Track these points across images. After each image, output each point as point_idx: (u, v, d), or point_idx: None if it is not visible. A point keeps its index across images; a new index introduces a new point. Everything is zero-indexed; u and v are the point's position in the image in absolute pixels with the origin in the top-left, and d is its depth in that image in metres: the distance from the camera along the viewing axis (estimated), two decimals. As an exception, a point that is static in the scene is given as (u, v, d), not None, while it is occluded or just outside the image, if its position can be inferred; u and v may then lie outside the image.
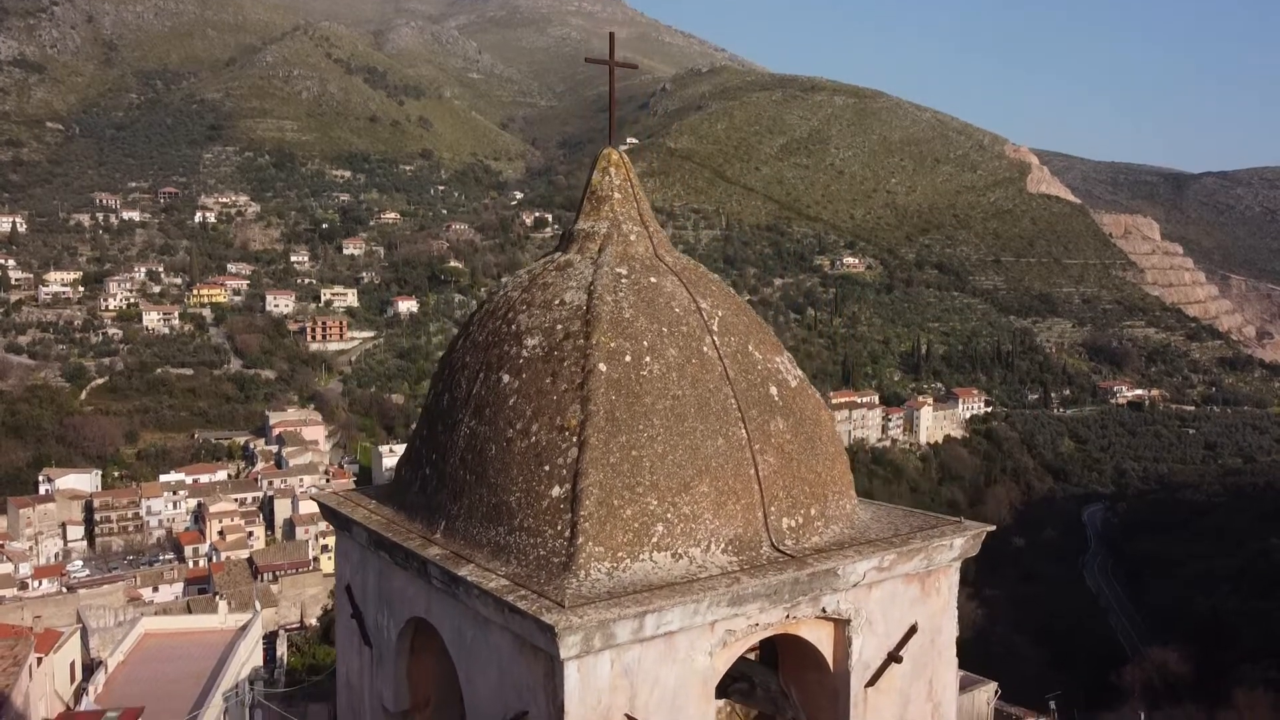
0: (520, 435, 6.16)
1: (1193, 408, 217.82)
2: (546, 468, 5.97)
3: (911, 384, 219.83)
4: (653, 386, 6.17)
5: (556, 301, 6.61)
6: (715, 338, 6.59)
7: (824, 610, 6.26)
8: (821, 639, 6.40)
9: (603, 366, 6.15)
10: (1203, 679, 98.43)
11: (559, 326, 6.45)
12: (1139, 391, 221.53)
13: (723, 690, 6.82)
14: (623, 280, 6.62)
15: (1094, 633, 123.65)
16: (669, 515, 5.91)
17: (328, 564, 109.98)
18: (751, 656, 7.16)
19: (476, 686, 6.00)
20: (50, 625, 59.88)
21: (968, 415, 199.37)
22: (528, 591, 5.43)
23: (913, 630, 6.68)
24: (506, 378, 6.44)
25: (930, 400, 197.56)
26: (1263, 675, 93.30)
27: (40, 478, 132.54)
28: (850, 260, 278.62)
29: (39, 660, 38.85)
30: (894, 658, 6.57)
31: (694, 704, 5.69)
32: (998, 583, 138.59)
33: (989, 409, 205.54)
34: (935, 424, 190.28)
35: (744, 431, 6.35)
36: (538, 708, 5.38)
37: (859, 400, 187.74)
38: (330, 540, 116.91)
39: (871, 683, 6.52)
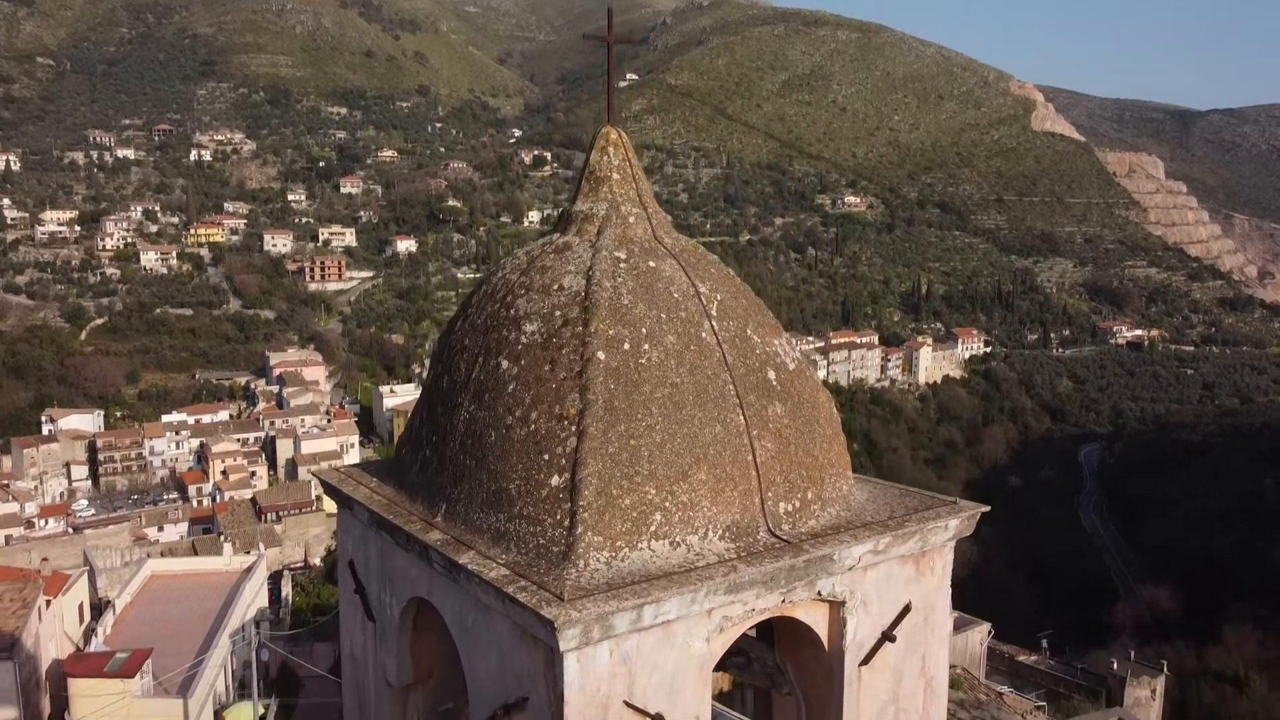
0: (519, 423, 6.18)
1: (1192, 348, 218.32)
2: (546, 456, 6.00)
3: (911, 324, 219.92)
4: (651, 374, 6.18)
5: (555, 286, 6.58)
6: (714, 323, 6.58)
7: (819, 593, 6.35)
8: (817, 620, 6.50)
9: (601, 355, 6.15)
10: (1193, 617, 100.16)
11: (557, 313, 6.43)
12: (1138, 332, 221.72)
13: (720, 664, 6.96)
14: (621, 265, 6.59)
15: (1087, 571, 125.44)
16: (667, 504, 5.96)
17: (330, 504, 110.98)
18: (750, 633, 7.28)
19: (478, 669, 6.11)
20: (57, 566, 60.76)
21: (967, 355, 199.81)
22: (528, 582, 5.50)
23: (907, 609, 6.78)
24: (505, 363, 6.44)
25: (930, 340, 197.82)
26: (1252, 613, 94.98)
27: (43, 418, 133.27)
28: (851, 199, 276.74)
29: (47, 603, 39.49)
30: (888, 637, 6.68)
31: (692, 688, 5.81)
32: (993, 522, 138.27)
33: (988, 349, 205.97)
34: (934, 364, 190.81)
35: (742, 418, 6.37)
36: (538, 695, 5.49)
37: (858, 340, 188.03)
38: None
39: (865, 661, 6.64)
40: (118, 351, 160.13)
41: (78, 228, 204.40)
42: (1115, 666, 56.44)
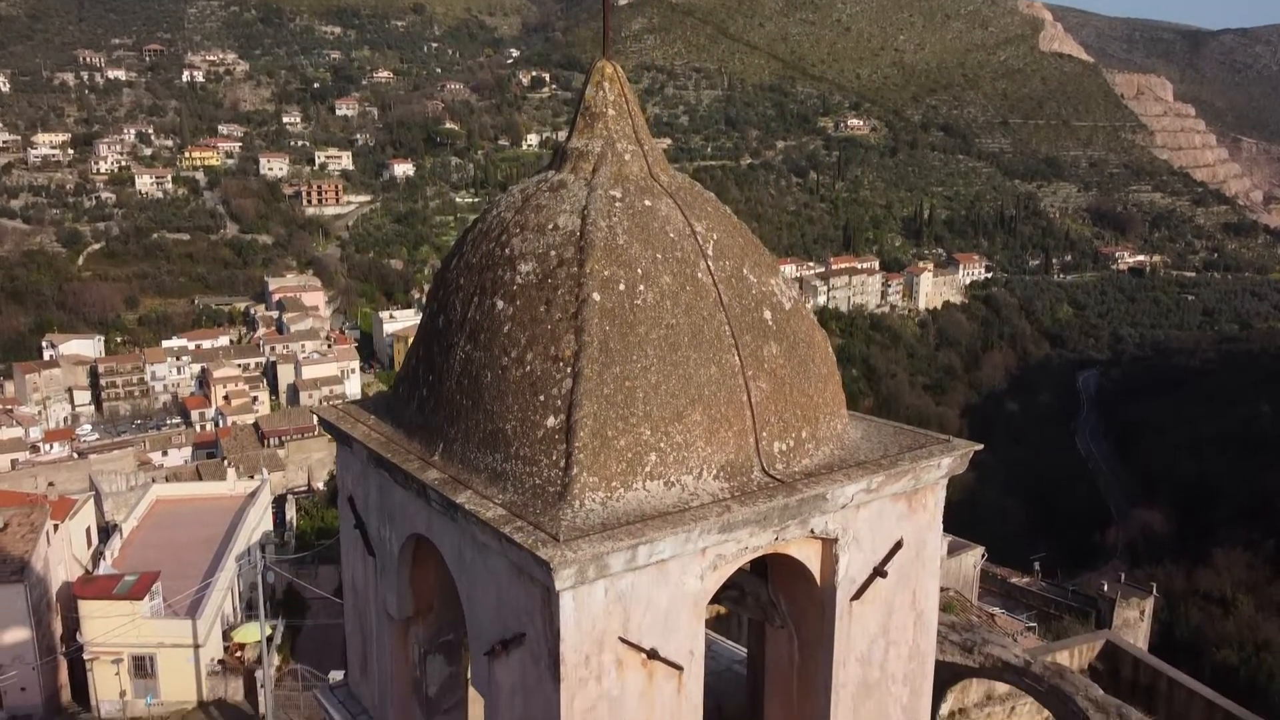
0: (515, 363, 6.19)
1: (1193, 274, 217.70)
2: (541, 398, 6.02)
3: (912, 249, 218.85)
4: (646, 315, 6.17)
5: (550, 226, 6.53)
6: (710, 263, 6.55)
7: (812, 531, 6.43)
8: (809, 556, 6.60)
9: (596, 296, 6.12)
10: (1184, 539, 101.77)
11: (552, 253, 6.39)
12: (1140, 258, 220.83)
13: (715, 597, 7.08)
14: (617, 204, 6.52)
15: (1081, 494, 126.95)
16: (662, 444, 6.00)
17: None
18: (745, 567, 7.40)
19: (476, 605, 6.23)
20: (63, 490, 61.53)
21: (968, 281, 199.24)
22: (524, 523, 5.56)
23: (898, 545, 6.88)
24: (501, 304, 6.43)
25: (930, 266, 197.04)
26: (1243, 537, 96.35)
27: (43, 343, 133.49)
28: (854, 122, 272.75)
29: (55, 527, 40.09)
30: (879, 572, 6.79)
31: (685, 623, 5.93)
32: (990, 446, 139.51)
33: (989, 275, 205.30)
34: (935, 290, 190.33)
35: (737, 358, 6.38)
36: (535, 630, 5.61)
37: (859, 266, 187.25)
38: (335, 403, 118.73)
39: (857, 596, 6.76)
40: (116, 277, 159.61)
41: (70, 151, 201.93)
42: (1105, 588, 57.53)
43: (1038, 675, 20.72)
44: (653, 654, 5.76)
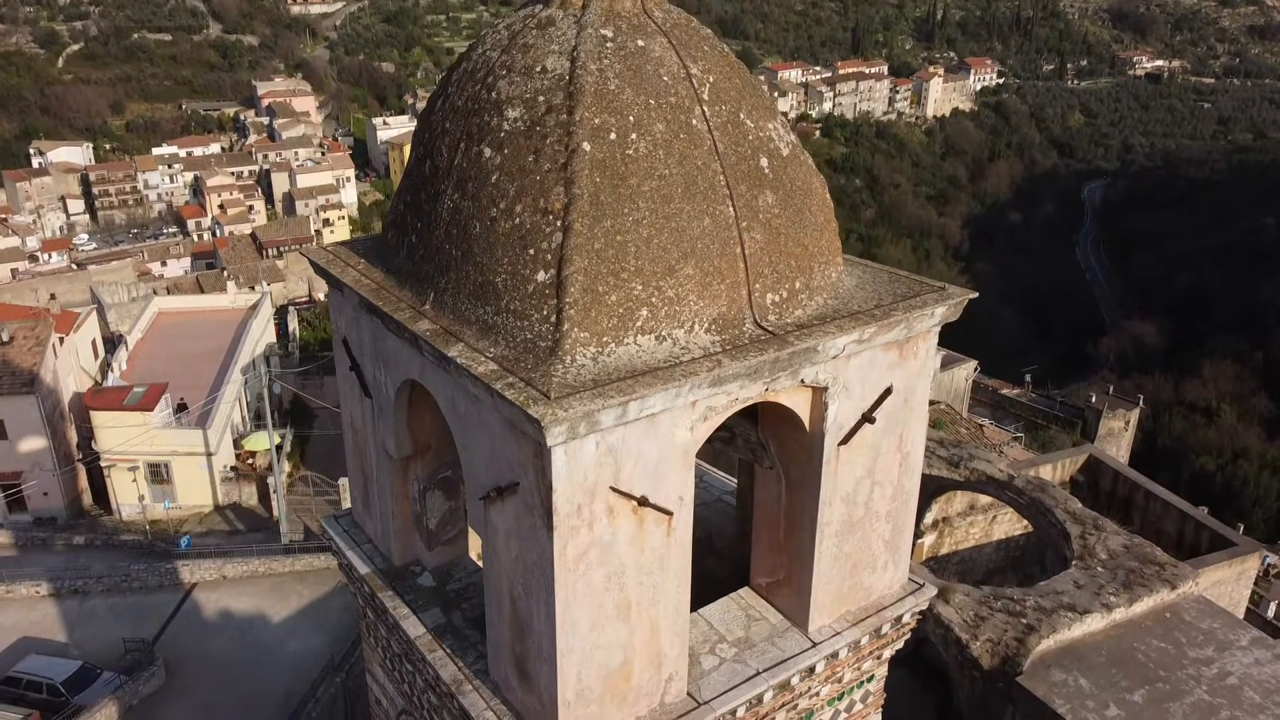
0: (504, 215, 6.06)
1: (1212, 80, 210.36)
2: (531, 251, 5.93)
3: (923, 53, 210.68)
4: (638, 167, 5.98)
5: (538, 68, 6.22)
6: (705, 108, 6.29)
7: (803, 381, 6.49)
8: (799, 404, 6.68)
9: (586, 145, 5.91)
10: (1174, 350, 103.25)
11: (540, 98, 6.12)
12: (1159, 63, 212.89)
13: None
14: (608, 44, 6.19)
15: (1077, 305, 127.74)
16: (653, 299, 5.95)
17: (330, 237, 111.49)
18: (733, 410, 7.50)
19: (471, 452, 6.37)
20: (65, 302, 61.90)
21: (978, 87, 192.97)
22: (515, 379, 5.59)
23: (888, 392, 6.97)
24: (488, 151, 6.22)
25: (940, 71, 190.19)
26: (1232, 348, 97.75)
27: (31, 150, 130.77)
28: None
29: (60, 340, 40.57)
30: (867, 418, 6.90)
31: (675, 472, 6.08)
32: (991, 256, 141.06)
33: (1000, 80, 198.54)
34: (944, 96, 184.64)
35: (731, 209, 6.24)
36: (528, 481, 5.75)
37: (867, 71, 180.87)
38: (331, 214, 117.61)
39: (845, 441, 6.90)
40: (98, 80, 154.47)
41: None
42: (1093, 400, 58.91)
43: (1020, 489, 21.51)
44: (643, 501, 5.94)
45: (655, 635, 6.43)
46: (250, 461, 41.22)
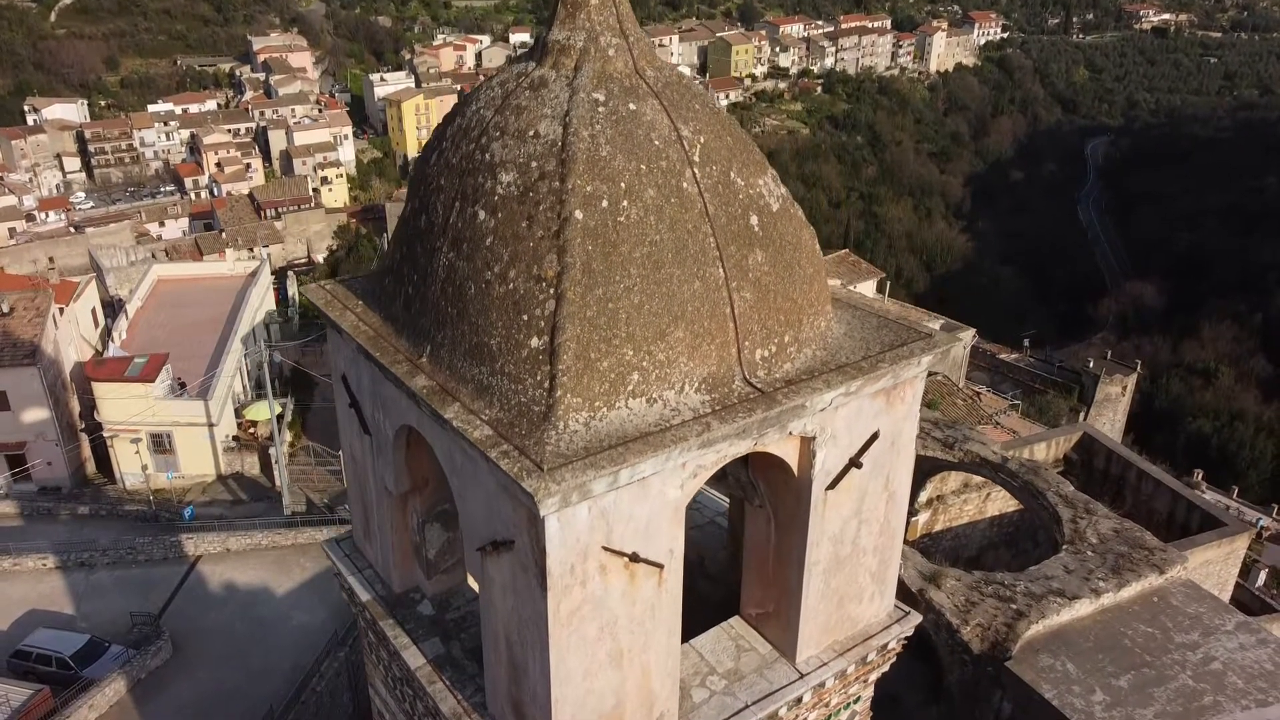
0: (498, 279, 6.17)
1: (1219, 34, 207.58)
2: (525, 317, 6.05)
3: (927, 6, 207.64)
4: (630, 233, 6.08)
5: (531, 132, 6.29)
6: (696, 170, 6.37)
7: (791, 433, 6.65)
8: (788, 452, 6.85)
9: (579, 214, 6.01)
10: (1173, 312, 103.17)
11: (534, 164, 6.20)
12: (1166, 16, 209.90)
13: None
14: (600, 109, 6.26)
15: (1078, 264, 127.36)
16: (644, 363, 6.09)
17: (329, 198, 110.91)
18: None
19: (468, 503, 6.55)
20: (64, 265, 61.88)
21: (982, 41, 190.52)
22: (510, 446, 5.75)
23: (875, 437, 7.13)
24: (483, 214, 6.32)
25: (944, 25, 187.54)
26: (1231, 309, 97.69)
27: (25, 107, 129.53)
28: None
29: (60, 310, 40.64)
30: (855, 463, 7.07)
31: (666, 527, 6.27)
32: (992, 214, 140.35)
33: (1005, 35, 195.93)
34: (947, 51, 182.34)
35: (721, 271, 6.35)
36: (522, 541, 5.94)
37: (870, 25, 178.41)
38: (329, 172, 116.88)
39: (832, 485, 7.09)
40: (92, 35, 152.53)
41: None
42: (1091, 365, 59.11)
43: (1013, 471, 21.75)
44: (634, 557, 6.14)
45: (647, 678, 6.67)
46: (252, 431, 41.49)
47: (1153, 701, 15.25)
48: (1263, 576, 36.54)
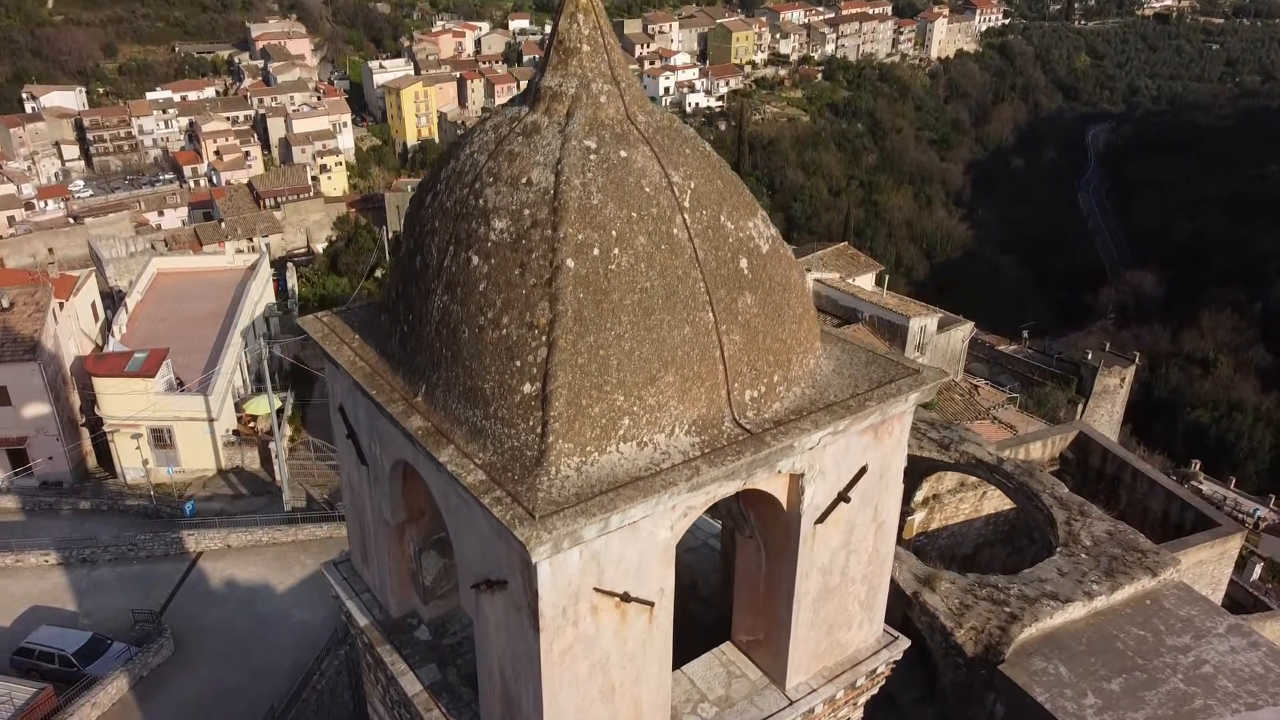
0: (491, 325, 6.28)
1: (1221, 20, 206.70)
2: (518, 363, 6.16)
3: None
4: (621, 281, 6.18)
5: (523, 179, 6.38)
6: (686, 215, 6.46)
7: (780, 471, 6.77)
8: (777, 489, 6.98)
9: (570, 262, 6.11)
10: (1173, 301, 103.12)
11: (526, 211, 6.30)
12: (1168, 2, 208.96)
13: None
14: (591, 156, 6.34)
15: (1078, 253, 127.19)
16: (635, 408, 6.20)
17: (328, 186, 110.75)
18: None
19: (462, 542, 6.68)
20: (64, 256, 61.93)
21: (983, 28, 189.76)
22: (503, 493, 5.87)
23: (863, 471, 7.25)
24: (476, 259, 6.42)
25: (946, 11, 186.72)
26: (1230, 298, 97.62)
27: (23, 95, 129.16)
28: None
29: (60, 305, 40.71)
30: (843, 498, 7.19)
31: (657, 567, 6.40)
32: (992, 202, 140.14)
33: (1006, 21, 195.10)
34: (948, 37, 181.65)
35: (711, 315, 6.45)
36: (515, 583, 6.07)
37: (870, 11, 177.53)
38: (328, 160, 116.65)
39: (821, 519, 7.21)
40: (89, 21, 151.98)
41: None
42: (1090, 356, 59.18)
43: (1008, 473, 21.87)
44: (625, 597, 6.27)
45: (638, 711, 6.81)
46: (252, 425, 41.60)
47: (1144, 705, 15.39)
48: (1258, 569, 36.71)
